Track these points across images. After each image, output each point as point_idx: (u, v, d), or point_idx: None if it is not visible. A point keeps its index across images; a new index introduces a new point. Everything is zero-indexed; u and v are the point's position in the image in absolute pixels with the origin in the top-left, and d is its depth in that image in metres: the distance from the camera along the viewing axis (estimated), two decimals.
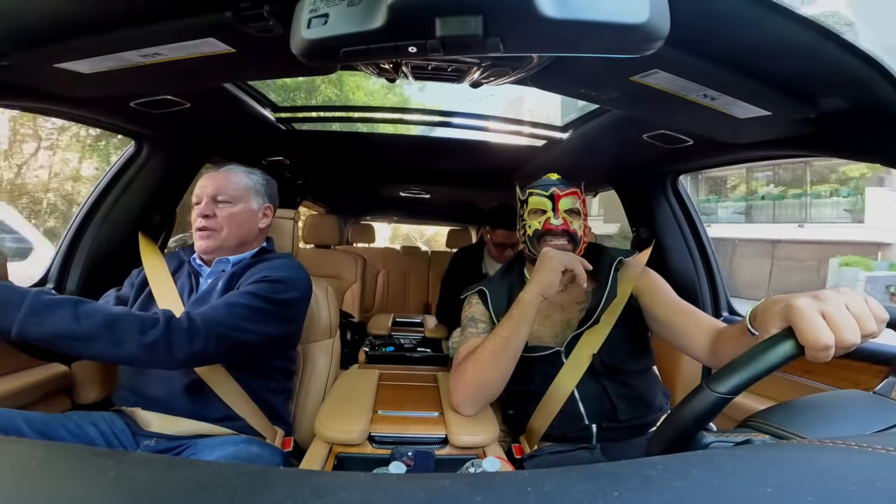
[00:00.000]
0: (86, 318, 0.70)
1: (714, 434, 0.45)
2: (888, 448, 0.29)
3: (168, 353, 0.75)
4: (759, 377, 0.43)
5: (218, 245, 0.99)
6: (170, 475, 0.28)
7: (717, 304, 1.45)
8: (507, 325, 0.89)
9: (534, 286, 0.89)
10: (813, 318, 0.44)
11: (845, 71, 0.61)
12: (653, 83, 0.72)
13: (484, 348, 0.90)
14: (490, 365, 0.89)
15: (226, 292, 0.93)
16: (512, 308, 0.90)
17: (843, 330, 0.44)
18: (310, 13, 0.49)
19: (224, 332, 0.81)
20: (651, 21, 0.46)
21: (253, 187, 1.05)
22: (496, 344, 0.88)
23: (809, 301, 0.46)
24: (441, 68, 0.75)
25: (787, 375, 1.04)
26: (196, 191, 1.03)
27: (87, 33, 0.66)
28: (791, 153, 1.06)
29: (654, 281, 0.99)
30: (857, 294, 0.48)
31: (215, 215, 0.98)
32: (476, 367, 0.90)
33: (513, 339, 0.88)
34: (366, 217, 3.85)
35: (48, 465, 0.29)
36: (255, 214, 1.04)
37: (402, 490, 0.26)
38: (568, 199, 0.98)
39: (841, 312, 0.45)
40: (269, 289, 0.90)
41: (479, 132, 1.56)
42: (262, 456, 0.85)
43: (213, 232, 0.98)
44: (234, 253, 1.02)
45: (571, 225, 0.97)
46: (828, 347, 0.44)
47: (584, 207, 1.03)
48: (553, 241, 0.98)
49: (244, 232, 1.02)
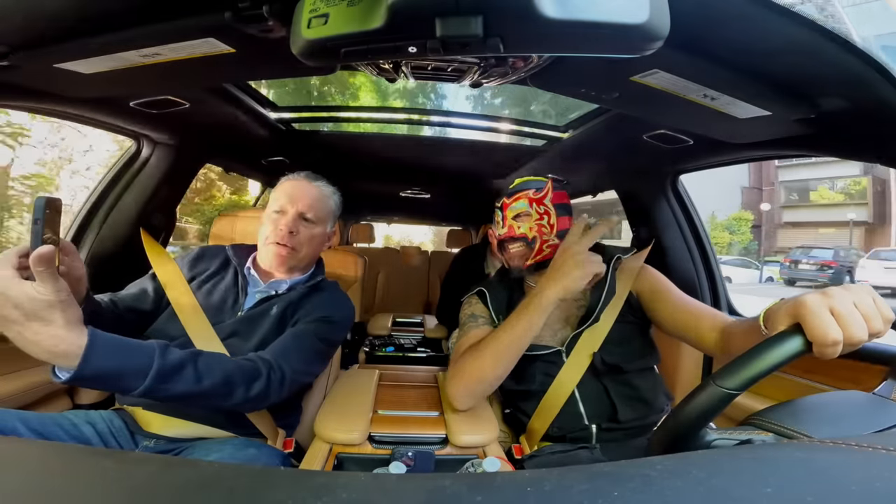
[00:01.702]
0: (206, 377, 0.69)
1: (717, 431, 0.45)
2: (888, 448, 0.29)
3: (263, 402, 0.78)
4: (767, 373, 0.43)
5: (294, 264, 0.97)
6: (170, 475, 0.28)
7: (717, 304, 1.45)
8: (518, 322, 0.86)
9: (557, 289, 0.84)
10: (822, 314, 0.45)
11: (845, 71, 0.61)
12: (653, 83, 0.72)
13: (489, 342, 0.88)
14: (493, 359, 0.87)
15: (280, 321, 0.92)
16: (524, 304, 0.87)
17: (852, 326, 0.45)
18: (310, 13, 0.49)
19: (300, 378, 0.85)
20: (651, 21, 0.46)
21: (333, 211, 1.04)
22: (505, 338, 0.86)
23: (818, 297, 0.47)
24: (441, 68, 0.75)
25: (787, 375, 1.04)
26: (279, 198, 0.97)
27: (87, 33, 0.66)
28: (791, 153, 1.06)
29: (655, 277, 0.99)
30: (865, 292, 0.48)
31: (299, 232, 0.95)
32: (478, 361, 0.88)
33: (522, 337, 0.85)
34: (366, 217, 3.85)
35: (48, 464, 0.29)
36: (327, 238, 1.03)
37: (402, 490, 0.26)
38: (514, 205, 0.99)
39: (849, 309, 0.46)
40: (329, 330, 0.92)
41: (479, 132, 1.56)
42: (260, 458, 0.85)
43: (294, 251, 0.95)
44: (299, 274, 1.00)
45: (518, 230, 0.98)
46: (836, 343, 0.44)
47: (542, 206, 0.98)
48: (511, 249, 1.00)
49: (316, 254, 1.01)
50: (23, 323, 0.53)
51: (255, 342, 0.89)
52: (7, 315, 0.53)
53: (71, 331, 0.55)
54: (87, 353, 0.56)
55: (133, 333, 0.74)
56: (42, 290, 0.53)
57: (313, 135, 1.57)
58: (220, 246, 1.06)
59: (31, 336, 0.53)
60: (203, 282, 0.98)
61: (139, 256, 1.06)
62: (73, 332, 0.56)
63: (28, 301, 0.52)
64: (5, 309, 0.52)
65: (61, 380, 0.59)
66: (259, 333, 0.91)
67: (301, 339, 0.87)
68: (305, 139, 1.57)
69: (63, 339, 0.55)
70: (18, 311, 0.52)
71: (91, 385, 0.66)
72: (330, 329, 0.92)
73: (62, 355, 0.55)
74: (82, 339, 0.57)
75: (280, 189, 1.00)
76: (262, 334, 0.90)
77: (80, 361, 0.56)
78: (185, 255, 1.05)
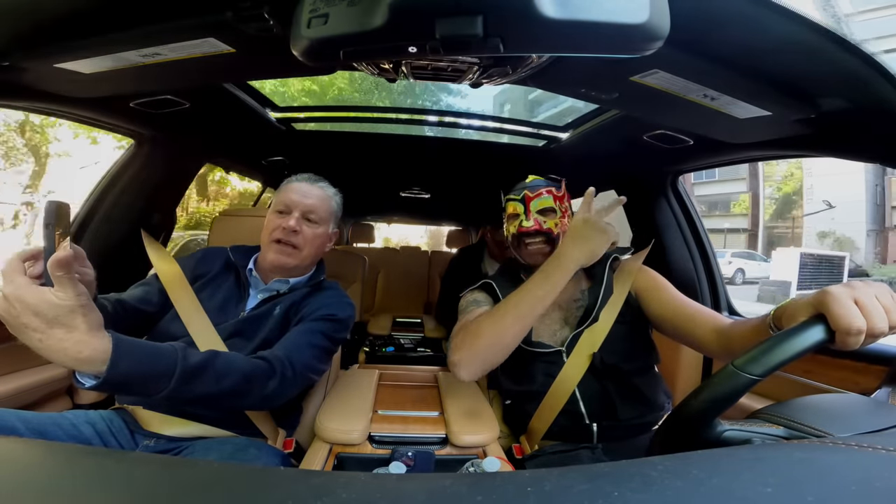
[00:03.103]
0: (225, 377, 0.70)
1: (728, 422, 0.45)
2: (888, 448, 0.29)
3: (277, 400, 0.79)
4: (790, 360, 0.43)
5: (296, 264, 0.97)
6: (169, 475, 0.28)
7: (717, 304, 1.45)
8: (544, 281, 0.84)
9: (583, 251, 0.84)
10: (846, 303, 0.46)
11: (845, 71, 0.61)
12: (653, 83, 0.72)
13: (510, 303, 0.85)
14: (514, 319, 0.83)
15: (283, 321, 0.92)
16: (545, 268, 0.86)
17: (875, 317, 0.46)
18: (310, 13, 0.49)
19: (309, 375, 0.86)
20: (651, 21, 0.46)
21: (335, 212, 1.04)
22: (528, 298, 0.84)
23: (843, 288, 0.48)
24: (441, 68, 0.75)
25: (787, 375, 1.04)
26: (283, 199, 0.98)
27: (87, 33, 0.66)
28: (791, 153, 1.05)
29: (653, 278, 1.00)
30: (885, 287, 0.49)
31: (302, 232, 0.96)
32: (497, 324, 0.84)
33: (545, 298, 0.84)
34: (366, 217, 3.86)
35: (48, 464, 0.29)
36: (328, 238, 1.04)
37: (402, 490, 0.26)
38: (539, 199, 0.99)
39: (872, 301, 0.47)
40: (333, 328, 0.92)
41: (479, 132, 1.56)
42: (260, 458, 0.85)
43: (296, 250, 0.96)
44: (300, 274, 1.00)
45: (544, 224, 0.98)
46: (860, 332, 0.45)
47: (564, 204, 1.01)
48: (532, 244, 0.99)
49: (318, 254, 1.01)
50: (44, 331, 0.51)
51: (257, 342, 0.89)
52: (28, 323, 0.51)
53: (94, 336, 0.54)
54: (115, 357, 0.56)
55: (136, 335, 0.74)
56: (62, 295, 0.51)
57: (313, 135, 1.57)
58: (222, 247, 1.06)
59: (54, 344, 0.52)
60: (205, 283, 0.98)
61: (138, 257, 1.06)
62: (97, 337, 0.55)
63: (49, 308, 0.50)
64: (25, 317, 0.50)
65: (85, 386, 0.58)
66: (261, 334, 0.91)
67: (308, 337, 0.88)
68: (305, 139, 1.57)
69: (87, 344, 0.53)
70: (39, 318, 0.51)
71: (117, 390, 0.64)
72: (334, 327, 0.93)
73: (87, 361, 0.54)
74: (106, 343, 0.56)
75: (283, 190, 1.01)
76: (265, 335, 0.91)
77: (109, 366, 0.55)
78: (187, 257, 1.05)
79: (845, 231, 14.50)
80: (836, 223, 14.39)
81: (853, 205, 14.25)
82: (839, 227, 14.45)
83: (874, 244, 14.48)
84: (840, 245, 14.31)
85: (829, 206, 14.16)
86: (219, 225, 1.44)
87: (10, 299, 0.50)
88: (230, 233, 1.40)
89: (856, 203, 14.27)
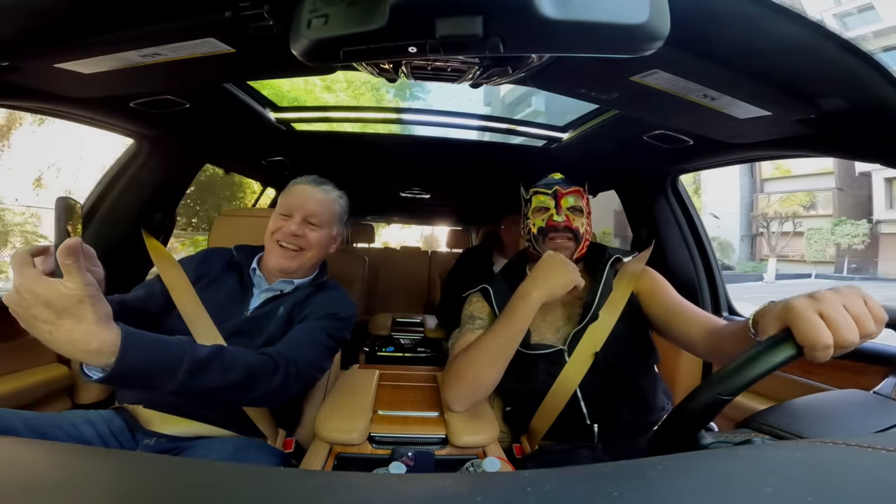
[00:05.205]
0: (231, 372, 0.70)
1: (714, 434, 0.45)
2: (888, 448, 0.29)
3: (281, 396, 0.79)
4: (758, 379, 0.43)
5: (299, 266, 0.98)
6: (169, 475, 0.28)
7: (717, 304, 1.45)
8: (509, 325, 0.88)
9: (542, 291, 0.88)
10: (810, 318, 0.44)
11: (845, 71, 0.61)
12: (653, 83, 0.72)
13: (479, 345, 0.90)
14: (487, 363, 0.88)
15: (286, 321, 0.93)
16: (511, 307, 0.90)
17: (842, 330, 0.45)
18: (310, 13, 0.49)
19: (312, 373, 0.86)
20: (651, 21, 0.46)
21: (339, 214, 1.05)
22: (492, 341, 0.88)
23: (806, 301, 0.46)
24: (441, 68, 0.75)
25: (787, 375, 1.04)
26: (286, 202, 1.00)
27: (87, 33, 0.66)
28: (791, 153, 1.06)
29: (654, 280, 1.00)
30: (855, 294, 0.47)
31: (305, 235, 0.97)
32: (470, 364, 0.89)
33: (512, 339, 0.88)
34: (366, 217, 3.86)
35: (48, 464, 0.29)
36: (332, 240, 1.04)
37: (402, 490, 0.26)
38: (570, 196, 1.00)
39: (838, 312, 0.45)
40: (337, 327, 0.92)
41: (479, 132, 1.56)
42: (260, 458, 0.85)
43: (300, 252, 0.97)
44: (304, 275, 1.01)
45: (574, 222, 0.99)
46: (826, 347, 0.44)
47: (588, 207, 1.03)
48: (557, 238, 0.99)
49: (322, 256, 1.02)
50: (53, 322, 0.51)
51: (260, 342, 0.89)
52: (37, 314, 0.51)
53: (103, 327, 0.54)
54: (123, 349, 0.55)
55: None
56: (70, 285, 0.51)
57: (313, 135, 1.57)
58: (225, 248, 1.06)
59: (63, 335, 0.52)
60: (209, 283, 0.99)
61: (139, 256, 1.06)
62: (105, 328, 0.54)
63: (58, 298, 0.50)
64: (35, 308, 0.50)
65: (92, 378, 0.58)
66: (265, 333, 0.91)
67: (311, 334, 0.88)
68: (305, 139, 1.57)
69: (96, 335, 0.53)
70: (49, 309, 0.50)
71: (124, 383, 0.64)
72: (337, 325, 0.93)
73: (95, 352, 0.54)
74: (115, 335, 0.55)
75: (287, 193, 1.02)
76: (269, 334, 0.91)
77: (118, 357, 0.55)
78: (188, 257, 1.05)
79: (727, 237, 19.24)
80: (721, 230, 18.93)
81: (731, 216, 19.03)
82: (722, 234, 19.09)
83: (747, 247, 19.75)
84: (722, 248, 19.16)
85: (715, 217, 18.38)
86: (219, 225, 1.44)
87: (20, 290, 0.50)
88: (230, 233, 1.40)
89: (732, 215, 19.09)
